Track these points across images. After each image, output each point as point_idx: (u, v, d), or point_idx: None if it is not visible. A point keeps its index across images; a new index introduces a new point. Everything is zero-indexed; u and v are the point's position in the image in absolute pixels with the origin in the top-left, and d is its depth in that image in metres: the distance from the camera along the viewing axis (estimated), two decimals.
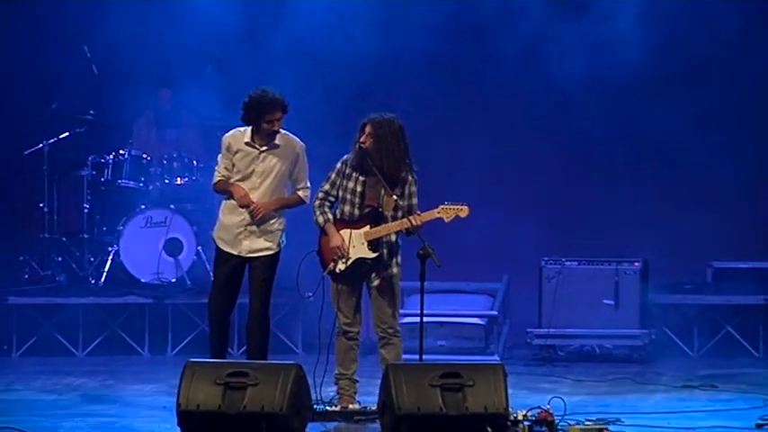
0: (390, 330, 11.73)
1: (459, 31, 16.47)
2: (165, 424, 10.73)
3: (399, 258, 11.69)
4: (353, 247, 11.62)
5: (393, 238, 11.63)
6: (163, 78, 16.08)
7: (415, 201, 11.62)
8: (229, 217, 12.01)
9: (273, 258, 12.06)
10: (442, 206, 11.52)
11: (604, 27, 15.71)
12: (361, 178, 11.62)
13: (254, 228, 11.94)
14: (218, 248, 12.17)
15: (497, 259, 15.62)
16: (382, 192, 11.56)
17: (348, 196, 11.65)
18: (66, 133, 15.87)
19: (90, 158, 15.85)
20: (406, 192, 11.60)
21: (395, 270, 11.68)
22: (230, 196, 11.96)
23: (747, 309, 15.13)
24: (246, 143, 11.89)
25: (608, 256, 15.01)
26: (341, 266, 11.66)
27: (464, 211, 11.54)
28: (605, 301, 14.86)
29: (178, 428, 10.37)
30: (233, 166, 11.95)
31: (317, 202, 11.71)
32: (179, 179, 15.85)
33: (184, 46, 15.97)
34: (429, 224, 11.62)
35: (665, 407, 11.93)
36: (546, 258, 15.04)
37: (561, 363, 14.69)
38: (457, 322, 14.70)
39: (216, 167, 12.11)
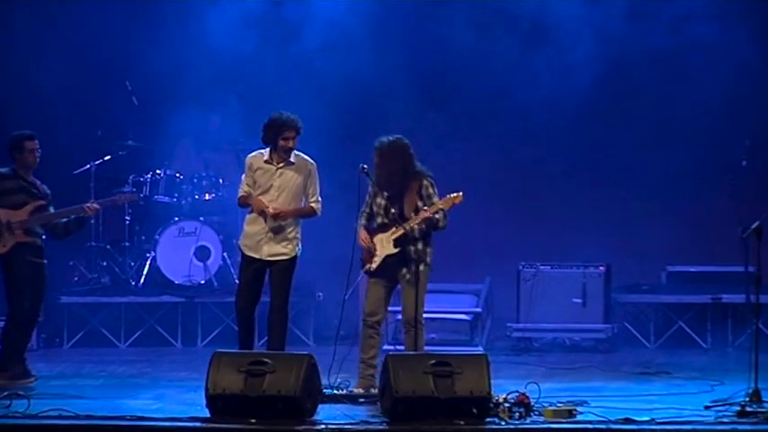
0: (412, 321, 11.72)
1: (442, 57, 16.47)
2: (195, 406, 10.70)
3: (428, 259, 11.71)
4: (382, 247, 11.73)
5: (420, 244, 11.67)
6: (211, 105, 16.11)
7: (435, 199, 11.66)
8: (252, 226, 12.11)
9: (291, 262, 12.14)
10: (443, 198, 11.64)
11: (564, 56, 15.67)
12: (386, 194, 11.72)
13: (272, 235, 12.03)
14: (243, 254, 12.27)
15: (481, 264, 15.59)
16: (406, 201, 11.68)
17: (380, 211, 11.77)
18: (110, 156, 15.89)
19: (130, 177, 15.87)
20: (424, 194, 11.69)
21: (421, 267, 11.67)
22: (252, 209, 12.10)
23: (697, 306, 15.12)
24: (265, 161, 12.05)
25: (576, 261, 15.04)
26: (373, 265, 11.79)
27: (459, 197, 11.62)
28: (574, 300, 14.88)
29: (206, 410, 10.50)
30: (254, 182, 12.07)
31: (361, 221, 11.90)
32: (207, 195, 15.88)
33: (212, 75, 15.98)
34: None
35: (625, 391, 11.93)
36: (523, 263, 15.05)
37: (536, 353, 14.69)
38: (446, 318, 14.68)
39: (240, 185, 12.22)
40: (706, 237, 15.75)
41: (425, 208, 11.60)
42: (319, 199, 12.13)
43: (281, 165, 12.04)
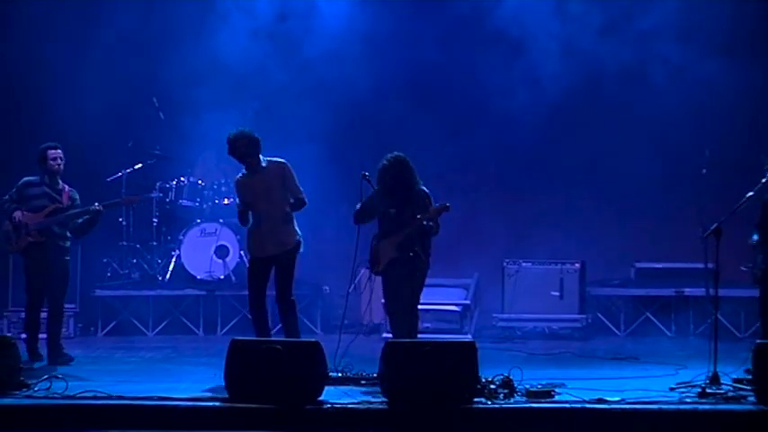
0: (402, 312, 11.75)
1: (430, 70, 16.38)
2: (215, 388, 10.75)
3: (425, 257, 11.71)
4: (386, 252, 11.74)
5: (418, 247, 11.66)
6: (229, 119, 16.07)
7: (429, 215, 11.63)
8: (254, 232, 12.11)
9: (290, 254, 12.12)
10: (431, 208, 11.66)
11: (541, 69, 15.56)
12: (389, 205, 11.75)
13: (271, 236, 12.02)
14: (251, 257, 12.31)
15: (469, 261, 15.55)
16: (404, 210, 11.69)
17: (384, 219, 11.79)
18: (140, 164, 15.92)
19: (158, 184, 15.90)
20: (421, 204, 11.69)
21: (419, 265, 11.68)
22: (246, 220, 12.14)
23: (662, 299, 15.12)
24: (244, 177, 12.09)
25: (555, 258, 15.02)
26: (380, 267, 11.83)
27: (447, 207, 11.62)
28: (553, 293, 14.86)
29: (225, 391, 10.52)
30: (244, 198, 12.08)
31: (354, 217, 11.90)
32: (226, 200, 15.88)
33: (228, 90, 15.93)
34: None
35: (598, 374, 11.92)
36: (507, 260, 15.03)
37: (519, 340, 14.65)
38: (439, 309, 14.69)
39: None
40: (670, 237, 15.72)
41: (419, 216, 11.62)
42: (302, 189, 12.10)
43: (255, 174, 12.05)
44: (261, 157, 12.04)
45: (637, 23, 15.39)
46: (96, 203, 12.80)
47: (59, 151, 12.71)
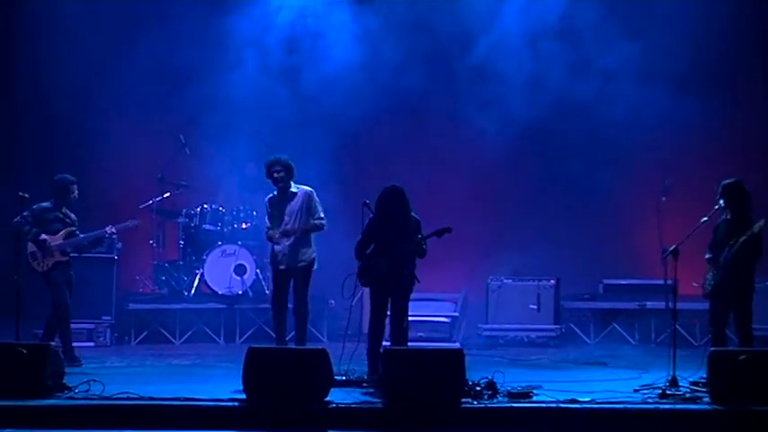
0: (402, 319, 11.68)
1: (418, 99, 16.30)
2: (234, 389, 10.71)
3: (414, 272, 11.64)
4: (380, 266, 11.66)
5: (409, 264, 11.63)
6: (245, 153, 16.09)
7: (419, 235, 11.62)
8: (276, 248, 12.49)
9: (307, 269, 12.44)
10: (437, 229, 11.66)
11: (517, 100, 15.50)
12: (383, 228, 11.73)
13: (290, 251, 12.35)
14: (273, 271, 12.59)
15: (458, 278, 15.54)
16: (399, 233, 11.66)
17: (383, 242, 11.74)
18: (168, 194, 15.88)
19: (184, 210, 15.86)
20: (415, 229, 11.68)
21: (407, 280, 11.64)
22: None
23: (626, 311, 15.08)
24: (275, 197, 12.54)
25: (532, 276, 15.01)
26: (369, 279, 11.77)
27: (449, 230, 11.61)
28: (531, 306, 14.83)
29: (243, 392, 10.52)
30: (271, 215, 12.49)
31: (358, 247, 11.81)
32: (244, 224, 15.85)
33: (245, 128, 15.94)
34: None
35: (571, 377, 11.93)
36: (491, 277, 15.01)
37: (501, 348, 14.61)
38: (431, 320, 14.65)
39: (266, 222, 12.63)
40: (634, 256, 15.70)
41: (420, 236, 11.60)
42: (322, 216, 12.46)
43: (286, 197, 12.41)
44: (292, 183, 12.43)
45: (603, 63, 15.36)
46: (110, 226, 12.97)
47: (75, 186, 12.95)
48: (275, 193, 12.57)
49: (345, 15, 15.91)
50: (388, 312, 11.74)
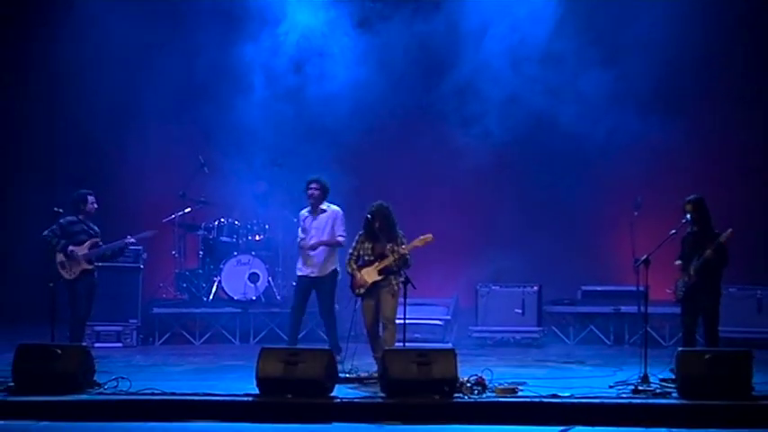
0: (390, 320, 11.77)
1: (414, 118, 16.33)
2: (249, 385, 10.69)
3: (399, 281, 11.64)
4: (369, 276, 11.75)
5: (396, 274, 11.69)
6: (258, 173, 16.05)
7: (404, 247, 11.69)
8: (303, 256, 12.76)
9: (327, 279, 12.65)
10: (411, 242, 11.75)
11: (501, 118, 15.37)
12: (371, 241, 11.81)
13: (315, 260, 12.63)
14: (298, 277, 12.82)
15: (450, 284, 15.54)
16: (386, 246, 11.72)
17: (367, 252, 11.84)
18: (189, 209, 15.86)
19: (203, 224, 15.82)
20: (399, 242, 11.73)
21: (395, 288, 11.73)
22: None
23: (602, 315, 15.06)
24: (308, 212, 12.79)
25: (518, 282, 14.99)
26: (362, 291, 11.84)
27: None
28: (516, 310, 14.81)
29: (257, 388, 10.53)
30: (303, 229, 12.74)
31: (348, 260, 11.92)
32: (257, 236, 15.81)
33: (257, 149, 15.91)
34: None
35: (553, 375, 11.94)
36: (480, 284, 14.99)
37: (490, 348, 14.59)
38: (425, 323, 14.62)
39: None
40: (610, 265, 15.68)
41: (404, 246, 11.65)
42: (343, 234, 12.64)
43: (315, 214, 12.67)
44: (325, 201, 12.70)
45: (580, 85, 15.32)
46: (129, 237, 12.91)
47: (93, 199, 12.86)
48: (309, 208, 12.80)
49: (346, 39, 15.77)
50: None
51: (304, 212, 12.89)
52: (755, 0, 15.90)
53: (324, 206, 12.74)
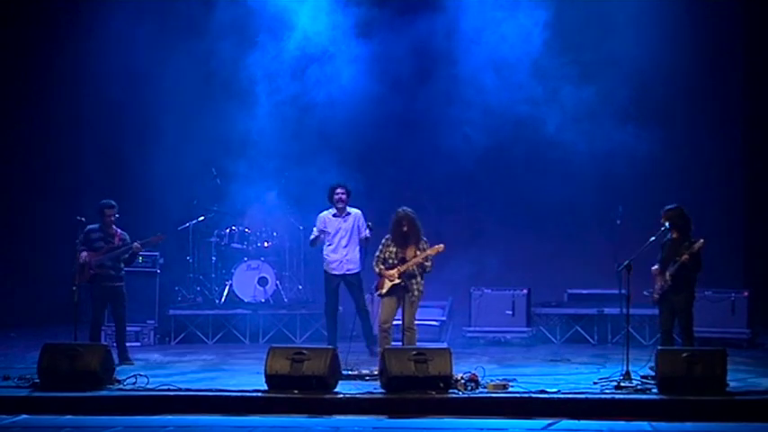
0: (410, 326, 11.84)
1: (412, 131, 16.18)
2: (258, 382, 10.69)
3: (421, 287, 11.84)
4: (392, 278, 11.78)
5: (417, 278, 11.79)
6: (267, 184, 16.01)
7: (427, 253, 11.78)
8: (332, 256, 13.07)
9: (355, 276, 13.11)
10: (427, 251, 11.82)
11: (489, 128, 15.27)
12: (395, 245, 11.87)
13: (345, 259, 13.01)
14: (328, 275, 13.08)
15: (445, 288, 15.43)
16: (407, 250, 11.80)
17: (391, 256, 11.88)
18: (202, 217, 15.84)
19: (215, 231, 15.80)
20: (421, 248, 11.81)
21: (416, 293, 11.83)
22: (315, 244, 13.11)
23: (587, 316, 15.02)
24: (333, 215, 13.15)
25: (508, 285, 14.96)
26: (384, 290, 11.89)
27: (441, 248, 11.76)
28: (507, 312, 14.78)
29: (265, 384, 10.53)
30: (322, 232, 13.05)
31: (376, 261, 11.97)
32: (266, 243, 15.79)
33: (264, 161, 15.89)
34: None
35: (541, 372, 11.91)
36: (473, 287, 14.97)
37: (482, 347, 14.54)
38: (422, 324, 14.49)
39: (311, 232, 13.25)
40: (594, 270, 15.54)
41: (418, 253, 11.68)
42: (368, 233, 12.70)
43: (340, 216, 13.07)
44: (348, 206, 13.05)
45: (563, 99, 15.26)
46: (137, 242, 12.85)
47: (113, 209, 12.78)
48: (334, 212, 13.02)
49: (346, 46, 15.64)
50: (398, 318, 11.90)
51: (327, 215, 13.10)
52: (723, 15, 15.90)
53: (347, 209, 13.10)
